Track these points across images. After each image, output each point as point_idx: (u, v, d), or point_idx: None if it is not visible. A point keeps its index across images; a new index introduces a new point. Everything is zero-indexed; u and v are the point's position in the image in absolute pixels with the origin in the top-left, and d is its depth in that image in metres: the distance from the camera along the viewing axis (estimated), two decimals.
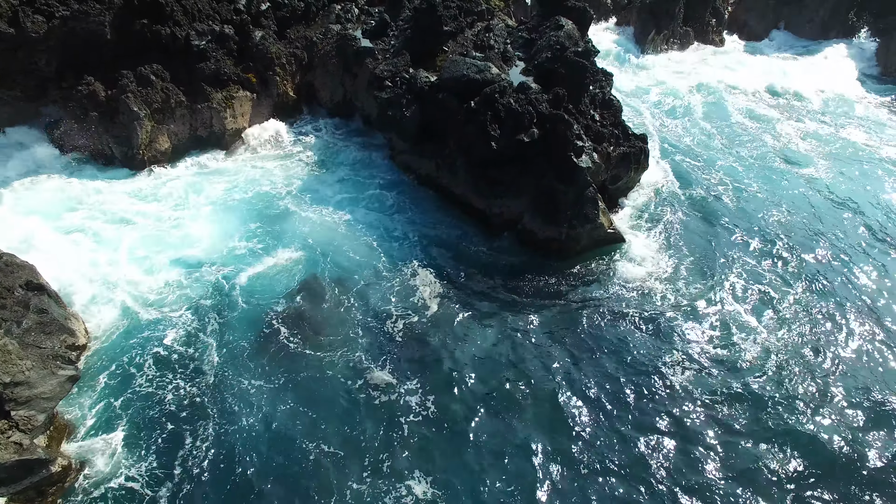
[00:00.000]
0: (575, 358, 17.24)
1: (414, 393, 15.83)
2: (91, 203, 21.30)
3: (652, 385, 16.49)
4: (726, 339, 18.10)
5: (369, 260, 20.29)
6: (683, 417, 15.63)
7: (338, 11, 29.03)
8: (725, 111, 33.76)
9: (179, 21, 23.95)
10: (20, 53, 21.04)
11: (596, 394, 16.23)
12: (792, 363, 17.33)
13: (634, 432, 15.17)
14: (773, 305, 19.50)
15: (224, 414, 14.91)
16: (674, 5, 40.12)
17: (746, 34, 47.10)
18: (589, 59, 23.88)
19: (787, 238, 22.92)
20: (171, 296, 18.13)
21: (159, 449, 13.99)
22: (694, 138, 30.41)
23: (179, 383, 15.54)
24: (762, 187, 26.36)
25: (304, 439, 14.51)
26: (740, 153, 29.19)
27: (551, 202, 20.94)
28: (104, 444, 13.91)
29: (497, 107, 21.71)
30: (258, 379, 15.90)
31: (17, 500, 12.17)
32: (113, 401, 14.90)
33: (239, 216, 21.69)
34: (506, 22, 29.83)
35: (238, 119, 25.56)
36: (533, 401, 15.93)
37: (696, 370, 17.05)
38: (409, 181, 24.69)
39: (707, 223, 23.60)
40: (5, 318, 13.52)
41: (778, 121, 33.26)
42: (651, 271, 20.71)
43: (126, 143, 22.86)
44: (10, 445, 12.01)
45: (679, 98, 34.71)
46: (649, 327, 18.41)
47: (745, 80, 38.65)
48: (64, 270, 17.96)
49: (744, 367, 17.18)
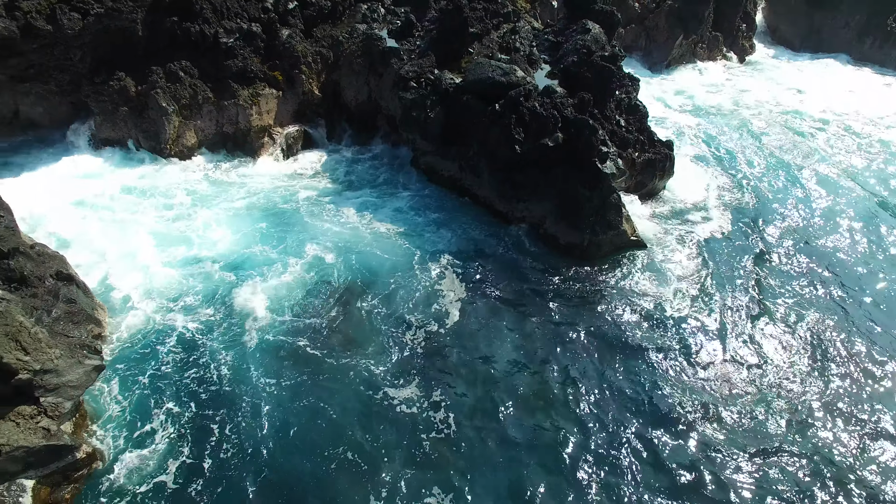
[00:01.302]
0: (602, 375, 16.71)
1: (435, 408, 15.38)
2: (117, 196, 21.78)
3: (682, 406, 15.96)
4: (758, 367, 17.41)
5: (392, 265, 20.13)
6: (713, 443, 15.12)
7: (364, 11, 29.19)
8: (774, 129, 32.70)
9: (208, 19, 24.33)
10: (56, 50, 21.58)
11: (623, 414, 15.64)
12: (816, 395, 16.76)
13: (668, 463, 14.58)
14: (806, 340, 18.50)
15: (240, 416, 14.79)
16: (704, 8, 39.32)
17: (778, 39, 46.16)
18: (616, 63, 23.69)
19: (832, 273, 21.44)
20: (190, 294, 18.12)
21: (177, 442, 14.13)
22: (740, 154, 29.40)
23: (197, 381, 15.53)
24: (807, 206, 25.19)
25: (319, 449, 14.22)
26: (792, 173, 27.92)
27: (574, 207, 20.81)
28: (126, 434, 14.19)
29: (522, 110, 21.64)
30: (275, 381, 15.71)
31: (44, 484, 12.49)
32: (134, 392, 15.14)
33: (258, 217, 21.80)
34: (532, 24, 29.72)
35: (263, 116, 25.86)
36: (557, 424, 15.31)
37: (719, 385, 16.71)
38: (432, 184, 24.71)
39: (744, 240, 22.90)
40: (36, 306, 13.85)
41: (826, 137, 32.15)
42: (678, 287, 20.17)
43: (154, 138, 23.32)
44: (39, 430, 12.31)
45: (717, 114, 33.99)
46: (680, 344, 17.86)
47: (794, 97, 37.39)
48: (89, 261, 18.37)
49: (782, 398, 16.59)
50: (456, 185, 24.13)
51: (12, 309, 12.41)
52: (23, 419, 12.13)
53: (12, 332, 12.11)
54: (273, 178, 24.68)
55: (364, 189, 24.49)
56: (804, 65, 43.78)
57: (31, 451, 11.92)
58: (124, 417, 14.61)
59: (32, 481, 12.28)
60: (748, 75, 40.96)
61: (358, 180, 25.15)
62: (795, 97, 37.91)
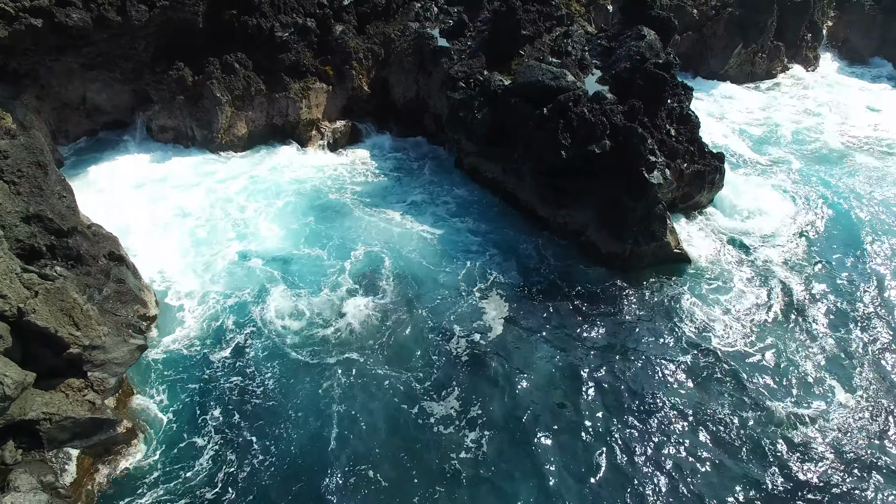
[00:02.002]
0: (639, 396, 16.16)
1: (471, 427, 15.06)
2: (172, 185, 22.68)
3: (726, 431, 15.39)
4: (803, 395, 16.52)
5: (435, 272, 19.88)
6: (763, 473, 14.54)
7: (417, 9, 29.35)
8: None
9: (266, 13, 24.94)
10: (123, 39, 22.55)
11: (665, 436, 15.10)
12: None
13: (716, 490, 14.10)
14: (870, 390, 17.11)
15: (275, 417, 14.90)
16: (767, 16, 37.60)
17: (846, 52, 43.78)
18: (669, 71, 23.04)
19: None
20: (239, 290, 18.40)
21: (209, 429, 14.52)
22: (814, 178, 27.51)
23: (234, 374, 15.82)
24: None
25: (353, 461, 14.11)
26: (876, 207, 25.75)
27: (618, 216, 20.38)
28: (165, 415, 14.73)
29: (570, 115, 21.32)
30: (310, 385, 15.71)
31: (87, 454, 13.14)
32: (175, 376, 15.67)
33: (306, 211, 22.18)
34: (585, 28, 29.25)
35: (313, 110, 26.34)
36: (595, 450, 14.82)
37: (760, 413, 15.97)
38: (474, 184, 24.65)
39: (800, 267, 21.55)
40: (89, 284, 14.52)
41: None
42: (728, 308, 19.35)
43: (207, 127, 24.10)
44: (85, 403, 12.91)
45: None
46: (730, 378, 16.99)
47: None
48: (144, 248, 19.21)
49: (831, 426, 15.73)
50: (498, 188, 23.99)
51: (68, 286, 13.04)
52: (71, 391, 12.74)
53: (67, 308, 12.72)
54: (318, 169, 25.09)
55: (408, 188, 24.63)
56: (875, 81, 41.37)
57: (77, 422, 12.50)
58: (164, 400, 15.16)
59: (77, 451, 12.90)
60: (816, 90, 38.84)
61: (403, 178, 25.33)
62: (870, 116, 35.53)
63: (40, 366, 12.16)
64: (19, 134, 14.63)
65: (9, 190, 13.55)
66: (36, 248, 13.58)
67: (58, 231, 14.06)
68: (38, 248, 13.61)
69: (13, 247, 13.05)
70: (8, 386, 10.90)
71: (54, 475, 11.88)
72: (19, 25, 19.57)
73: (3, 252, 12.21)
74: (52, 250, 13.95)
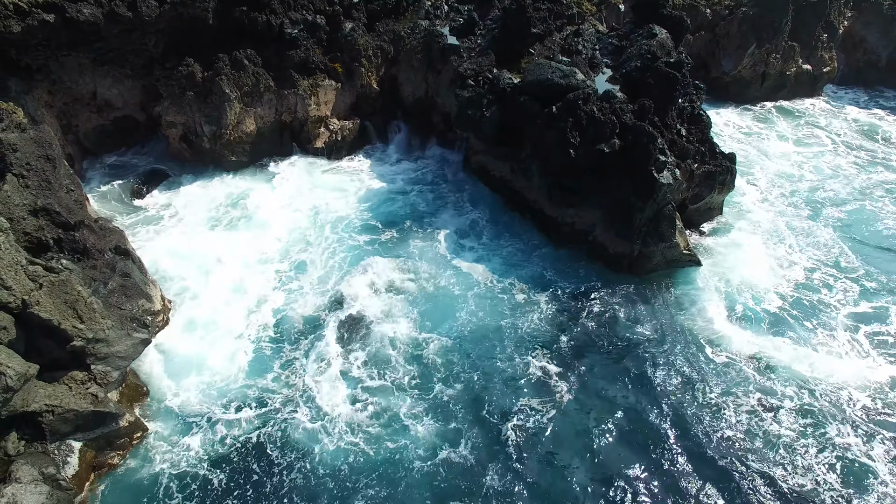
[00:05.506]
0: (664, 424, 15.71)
1: (483, 468, 14.32)
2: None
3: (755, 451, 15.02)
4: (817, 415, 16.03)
5: (451, 296, 19.52)
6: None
7: (428, 7, 29.27)
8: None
9: (276, 10, 24.97)
10: (134, 35, 22.70)
11: (677, 441, 14.95)
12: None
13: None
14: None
15: (286, 427, 14.93)
16: (782, 16, 36.97)
17: (862, 53, 42.94)
18: (681, 70, 22.72)
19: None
20: (244, 292, 18.93)
21: (219, 428, 14.63)
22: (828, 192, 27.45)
23: (250, 376, 16.12)
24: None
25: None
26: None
27: (626, 217, 20.16)
28: (171, 411, 14.81)
29: (579, 114, 21.11)
30: (335, 409, 15.52)
31: (90, 447, 13.17)
32: (179, 373, 15.79)
33: (313, 220, 22.81)
34: (596, 27, 29.01)
35: (321, 107, 26.34)
36: (598, 451, 14.71)
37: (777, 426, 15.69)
38: (482, 186, 24.71)
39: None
40: (95, 277, 14.56)
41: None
42: (747, 328, 18.92)
43: (215, 122, 24.15)
44: (88, 396, 12.95)
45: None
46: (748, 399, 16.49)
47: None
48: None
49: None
50: (506, 187, 23.84)
51: (73, 279, 13.10)
52: (74, 384, 12.79)
53: (71, 301, 12.77)
54: (325, 171, 25.19)
55: (415, 189, 24.72)
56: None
57: (79, 415, 12.56)
58: (168, 396, 15.26)
59: (80, 443, 12.95)
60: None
61: (409, 180, 25.43)
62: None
63: (44, 358, 12.23)
64: (29, 128, 14.71)
65: (17, 183, 13.62)
66: (43, 241, 13.64)
67: (65, 224, 14.12)
68: (45, 241, 13.67)
69: (21, 239, 13.11)
70: (11, 377, 10.95)
71: (56, 467, 11.94)
72: (32, 21, 19.75)
73: (9, 244, 12.28)
74: (58, 243, 14.02)
